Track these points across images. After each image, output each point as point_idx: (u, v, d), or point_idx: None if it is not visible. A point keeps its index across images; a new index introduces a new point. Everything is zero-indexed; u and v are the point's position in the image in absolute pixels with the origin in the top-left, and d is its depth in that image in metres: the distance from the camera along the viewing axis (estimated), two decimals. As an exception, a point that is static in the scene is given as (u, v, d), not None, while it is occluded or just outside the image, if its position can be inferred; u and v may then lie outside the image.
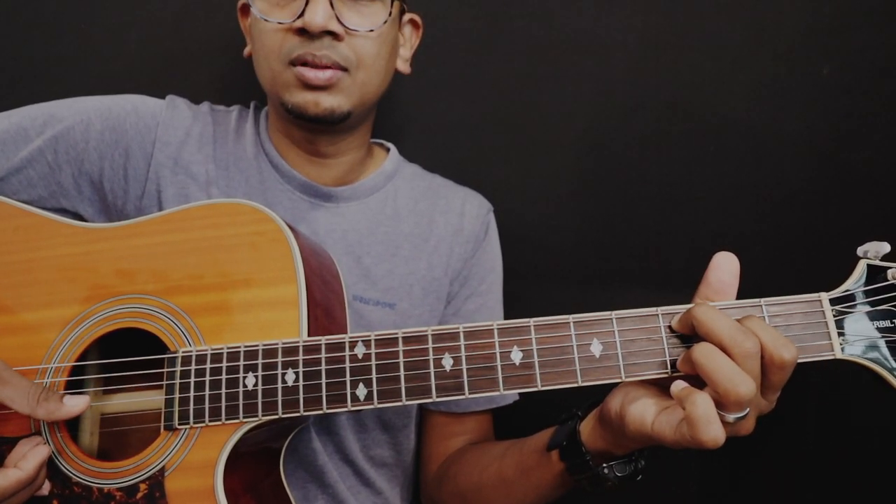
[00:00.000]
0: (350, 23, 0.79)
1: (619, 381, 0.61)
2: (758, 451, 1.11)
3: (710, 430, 0.54)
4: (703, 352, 0.56)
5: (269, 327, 0.67)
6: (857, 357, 0.59)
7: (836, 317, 0.60)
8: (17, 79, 1.08)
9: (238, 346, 0.66)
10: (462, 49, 1.10)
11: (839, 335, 0.59)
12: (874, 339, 0.59)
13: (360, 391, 0.63)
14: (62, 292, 0.71)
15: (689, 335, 0.60)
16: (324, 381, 0.64)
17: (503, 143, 1.11)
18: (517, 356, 0.62)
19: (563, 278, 1.11)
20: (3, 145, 0.82)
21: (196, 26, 1.09)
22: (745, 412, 0.55)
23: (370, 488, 0.90)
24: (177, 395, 0.66)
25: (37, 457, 0.63)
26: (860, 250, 0.62)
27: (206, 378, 0.65)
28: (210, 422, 0.65)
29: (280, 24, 0.79)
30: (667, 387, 0.59)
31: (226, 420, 0.64)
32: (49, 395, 0.64)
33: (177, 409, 0.65)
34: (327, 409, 0.63)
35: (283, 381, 0.64)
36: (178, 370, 0.66)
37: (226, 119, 0.92)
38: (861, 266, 0.61)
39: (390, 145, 1.00)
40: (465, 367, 0.62)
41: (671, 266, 1.09)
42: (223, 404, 0.65)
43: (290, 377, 0.64)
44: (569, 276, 1.11)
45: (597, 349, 0.61)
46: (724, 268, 0.61)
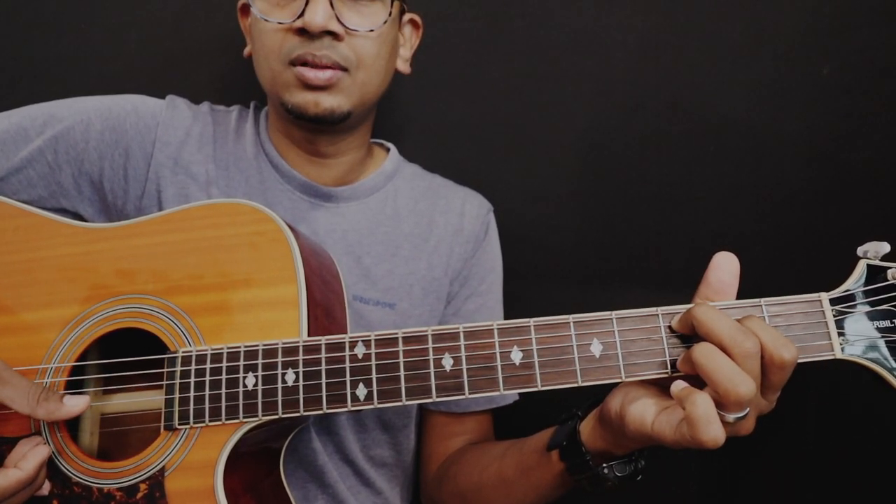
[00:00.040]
0: (350, 23, 0.79)
1: (619, 381, 0.61)
2: (758, 451, 1.11)
3: (710, 430, 0.54)
4: (703, 352, 0.56)
5: (269, 327, 0.67)
6: (857, 357, 0.59)
7: (836, 317, 0.60)
8: (17, 79, 1.08)
9: (238, 346, 0.66)
10: (462, 49, 1.10)
11: (839, 335, 0.59)
12: (874, 339, 0.59)
13: (360, 391, 0.63)
14: (62, 292, 0.71)
15: (689, 335, 0.60)
16: (324, 381, 0.64)
17: (503, 143, 1.11)
18: (517, 356, 0.62)
19: (563, 278, 1.11)
20: (3, 145, 0.82)
21: (196, 26, 1.09)
22: (745, 412, 0.55)
23: (370, 488, 0.90)
24: (177, 395, 0.66)
25: (37, 457, 0.63)
26: (860, 250, 0.62)
27: (206, 378, 0.65)
28: (210, 422, 0.65)
29: (280, 24, 0.79)
30: (667, 387, 0.59)
31: (226, 420, 0.64)
32: (49, 395, 0.64)
33: (177, 409, 0.65)
34: (327, 409, 0.63)
35: (283, 381, 0.64)
36: (178, 370, 0.66)
37: (226, 119, 0.92)
38: (861, 266, 0.61)
39: (390, 145, 1.00)
40: (465, 367, 0.62)
41: (671, 266, 1.09)
42: (223, 404, 0.65)
43: (290, 377, 0.64)
44: (569, 276, 1.11)
45: (597, 349, 0.61)
46: (724, 268, 0.61)
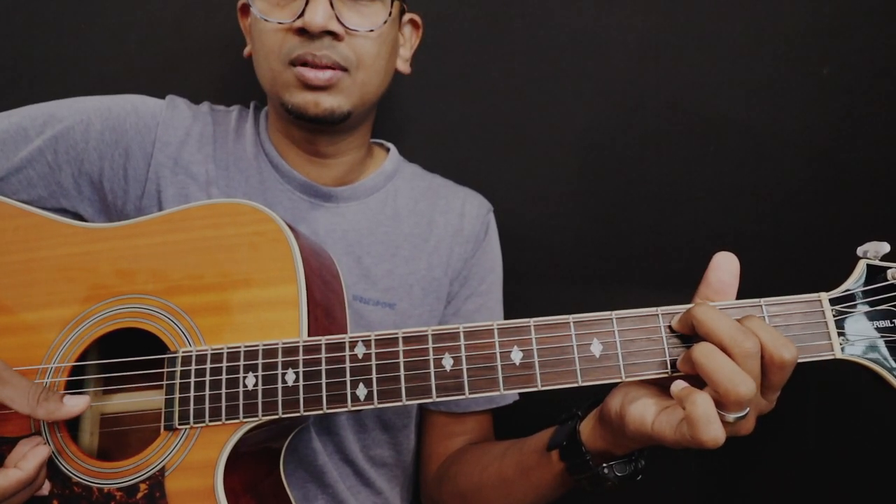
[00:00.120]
0: (350, 23, 0.79)
1: (619, 381, 0.61)
2: (758, 451, 1.11)
3: (710, 430, 0.54)
4: (703, 352, 0.56)
5: (269, 327, 0.67)
6: (857, 357, 0.59)
7: (835, 317, 0.60)
8: (17, 79, 1.08)
9: (238, 346, 0.66)
10: (462, 49, 1.10)
11: (839, 335, 0.59)
12: (874, 339, 0.59)
13: (361, 391, 0.63)
14: (62, 292, 0.71)
15: (689, 335, 0.60)
16: (324, 381, 0.64)
17: (503, 143, 1.11)
18: (517, 356, 0.62)
19: (563, 278, 1.11)
20: (3, 145, 0.82)
21: (196, 26, 1.09)
22: (745, 412, 0.55)
23: (370, 488, 0.90)
24: (177, 395, 0.66)
25: (37, 457, 0.63)
26: (860, 250, 0.62)
27: (207, 378, 0.65)
28: (210, 422, 0.65)
29: (280, 24, 0.79)
30: (667, 387, 0.59)
31: (226, 420, 0.64)
32: (49, 395, 0.64)
33: (177, 409, 0.65)
34: (327, 409, 0.63)
35: (284, 381, 0.64)
36: (178, 370, 0.66)
37: (226, 119, 0.92)
38: (861, 266, 0.61)
39: (390, 145, 1.00)
40: (465, 367, 0.62)
41: (671, 266, 1.09)
42: (223, 404, 0.65)
43: (290, 377, 0.64)
44: (569, 276, 1.11)
45: (597, 349, 0.61)
46: (724, 268, 0.61)
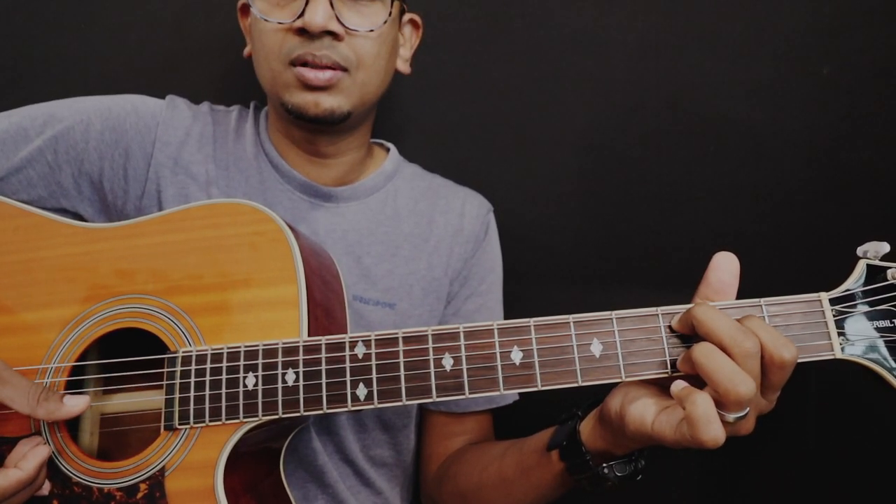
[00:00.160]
0: (350, 23, 0.79)
1: (619, 380, 0.61)
2: (758, 451, 1.11)
3: (710, 430, 0.54)
4: (703, 351, 0.56)
5: (269, 327, 0.67)
6: (857, 357, 0.59)
7: (835, 317, 0.60)
8: (17, 79, 1.08)
9: (238, 346, 0.66)
10: (462, 49, 1.10)
11: (839, 335, 0.59)
12: (874, 338, 0.59)
13: (361, 391, 0.63)
14: (62, 292, 0.71)
15: (689, 335, 0.60)
16: (324, 381, 0.64)
17: (503, 143, 1.11)
18: (517, 356, 0.62)
19: (563, 278, 1.11)
20: (3, 145, 0.82)
21: (196, 26, 1.09)
22: (745, 412, 0.55)
23: (370, 488, 0.90)
24: (177, 395, 0.66)
25: (37, 457, 0.63)
26: (860, 250, 0.62)
27: (207, 378, 0.65)
28: (210, 422, 0.65)
29: (280, 24, 0.79)
30: (667, 387, 0.59)
31: (226, 420, 0.64)
32: (49, 395, 0.64)
33: (177, 409, 0.65)
34: (327, 409, 0.63)
35: (284, 381, 0.64)
36: (178, 370, 0.66)
37: (226, 119, 0.92)
38: (861, 266, 0.61)
39: (390, 145, 1.00)
40: (465, 367, 0.62)
41: (671, 266, 1.09)
42: (223, 404, 0.65)
43: (290, 377, 0.64)
44: (569, 276, 1.11)
45: (597, 349, 0.61)
46: (724, 268, 0.61)
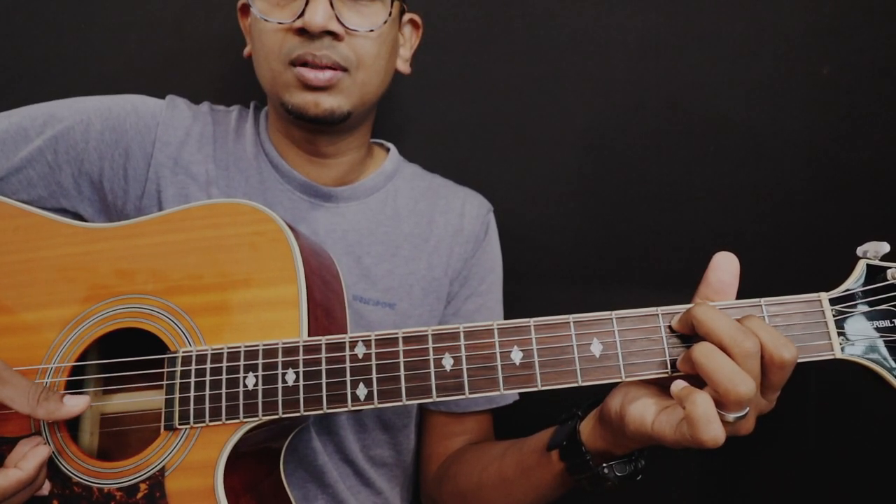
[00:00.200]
0: (350, 23, 0.79)
1: (619, 380, 0.61)
2: (758, 451, 1.11)
3: (710, 430, 0.54)
4: (703, 351, 0.56)
5: (269, 327, 0.67)
6: (857, 357, 0.59)
7: (835, 317, 0.60)
8: (17, 79, 1.08)
9: (238, 346, 0.66)
10: (462, 49, 1.10)
11: (839, 335, 0.59)
12: (873, 338, 0.59)
13: (361, 391, 0.63)
14: (62, 292, 0.71)
15: (689, 335, 0.60)
16: (324, 381, 0.64)
17: (503, 143, 1.11)
18: (517, 356, 0.62)
19: (563, 278, 1.11)
20: (3, 145, 0.82)
21: (196, 26, 1.09)
22: (744, 412, 0.55)
23: (370, 488, 0.90)
24: (177, 394, 0.66)
25: (37, 457, 0.63)
26: (860, 250, 0.62)
27: (207, 378, 0.65)
28: (210, 422, 0.65)
29: (280, 24, 0.79)
30: (667, 387, 0.59)
31: (226, 420, 0.64)
32: (49, 395, 0.64)
33: (177, 409, 0.65)
34: (327, 409, 0.63)
35: (284, 381, 0.64)
36: (178, 370, 0.66)
37: (226, 119, 0.92)
38: (861, 266, 0.61)
39: (390, 145, 1.00)
40: (465, 367, 0.62)
41: (671, 266, 1.09)
42: (223, 404, 0.65)
43: (290, 377, 0.64)
44: (569, 276, 1.11)
45: (597, 349, 0.61)
46: (724, 268, 0.61)
